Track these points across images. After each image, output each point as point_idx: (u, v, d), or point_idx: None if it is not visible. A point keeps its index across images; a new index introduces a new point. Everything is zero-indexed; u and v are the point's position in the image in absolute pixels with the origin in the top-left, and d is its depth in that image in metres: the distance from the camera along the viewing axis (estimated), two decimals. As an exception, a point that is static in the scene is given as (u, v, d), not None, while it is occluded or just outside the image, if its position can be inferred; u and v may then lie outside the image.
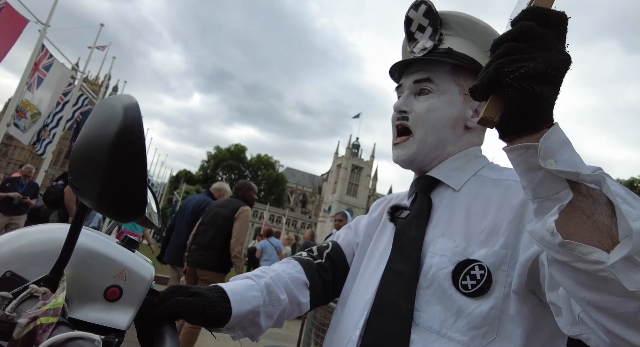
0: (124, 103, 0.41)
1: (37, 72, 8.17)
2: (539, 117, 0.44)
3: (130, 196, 0.41)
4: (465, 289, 0.64)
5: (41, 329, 0.36)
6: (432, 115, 0.78)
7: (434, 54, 0.79)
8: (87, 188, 0.42)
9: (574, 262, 0.41)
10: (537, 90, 0.42)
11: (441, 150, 0.80)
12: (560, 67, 0.43)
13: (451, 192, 0.77)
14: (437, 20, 0.79)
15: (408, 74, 0.83)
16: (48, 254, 0.51)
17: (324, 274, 0.86)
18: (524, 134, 0.45)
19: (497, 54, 0.45)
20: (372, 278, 0.77)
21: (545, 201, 0.44)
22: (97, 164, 0.39)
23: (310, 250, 0.92)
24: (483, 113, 0.46)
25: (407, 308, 0.68)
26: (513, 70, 0.43)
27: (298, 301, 0.81)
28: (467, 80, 0.80)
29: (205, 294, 0.67)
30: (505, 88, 0.43)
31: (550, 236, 0.42)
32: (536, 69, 0.42)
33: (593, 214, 0.42)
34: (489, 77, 0.45)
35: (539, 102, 0.43)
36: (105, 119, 0.41)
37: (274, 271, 0.82)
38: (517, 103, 0.43)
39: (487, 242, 0.66)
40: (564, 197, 0.43)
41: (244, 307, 0.70)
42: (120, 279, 0.56)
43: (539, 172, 0.44)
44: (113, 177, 0.40)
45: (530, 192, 0.46)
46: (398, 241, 0.77)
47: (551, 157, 0.43)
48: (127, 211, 0.42)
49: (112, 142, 0.39)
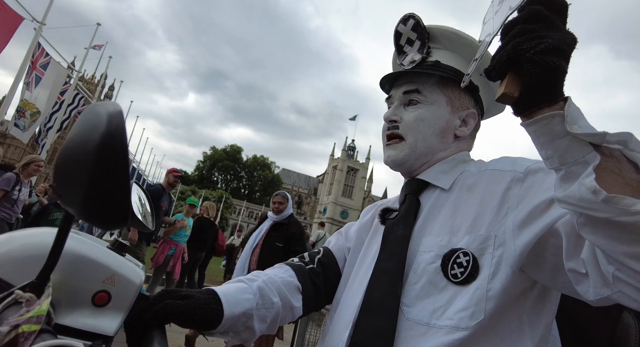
0: (108, 110, 0.40)
1: (34, 70, 8.13)
2: (557, 89, 0.48)
3: (113, 203, 0.40)
4: (456, 278, 0.66)
5: (23, 337, 0.35)
6: (421, 124, 0.81)
7: (422, 67, 0.82)
8: (70, 195, 0.41)
9: (617, 216, 0.43)
10: (557, 63, 0.45)
11: (430, 156, 0.83)
12: (571, 43, 0.47)
13: (439, 192, 0.79)
14: (425, 34, 0.82)
15: (398, 86, 0.86)
16: (36, 259, 0.50)
17: (316, 279, 0.87)
18: (544, 106, 0.48)
19: (511, 35, 0.49)
20: (363, 280, 0.78)
21: (573, 166, 0.46)
22: (81, 171, 0.39)
23: (301, 256, 0.93)
24: (503, 89, 0.48)
25: (393, 304, 0.69)
26: (533, 46, 0.46)
27: (291, 305, 0.81)
28: (454, 91, 0.84)
29: (195, 296, 0.66)
30: (525, 64, 0.46)
31: (591, 195, 0.44)
32: (555, 44, 0.45)
33: (621, 172, 0.45)
34: (507, 54, 0.48)
35: (559, 74, 0.47)
36: (89, 126, 0.40)
37: (266, 274, 0.82)
38: (538, 76, 0.46)
39: (471, 230, 0.68)
40: (592, 159, 0.45)
41: (236, 309, 0.69)
42: (109, 283, 0.55)
43: (564, 139, 0.47)
44: (96, 185, 0.39)
45: (557, 160, 0.48)
46: (386, 240, 0.78)
47: (575, 123, 0.46)
48: (110, 218, 0.41)
49: (95, 149, 0.39)
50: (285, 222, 3.70)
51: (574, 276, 0.55)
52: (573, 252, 0.54)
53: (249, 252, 3.57)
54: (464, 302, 0.64)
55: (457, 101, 0.83)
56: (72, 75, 10.13)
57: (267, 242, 3.57)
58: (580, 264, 0.53)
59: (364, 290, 0.75)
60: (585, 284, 0.53)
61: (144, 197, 0.81)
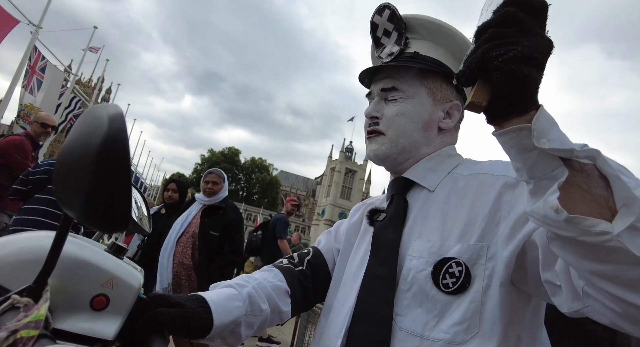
0: (109, 113, 0.40)
1: (34, 74, 8.11)
2: (527, 99, 0.46)
3: (115, 206, 0.40)
4: (447, 288, 0.64)
5: (21, 342, 0.35)
6: (402, 119, 0.79)
7: (400, 59, 0.80)
8: (70, 199, 0.41)
9: (579, 236, 0.42)
10: (525, 73, 0.43)
11: (414, 151, 0.80)
12: (545, 50, 0.44)
13: (426, 193, 0.77)
14: (402, 24, 0.80)
15: (377, 81, 0.84)
16: (33, 263, 0.49)
17: (305, 282, 0.86)
18: (513, 116, 0.46)
19: (482, 40, 0.46)
20: (354, 285, 0.77)
21: (542, 180, 0.45)
22: (81, 175, 0.38)
23: (290, 257, 0.92)
24: (471, 98, 0.46)
25: (387, 312, 0.67)
26: (501, 53, 0.44)
27: (280, 309, 0.81)
28: (435, 82, 0.81)
29: (186, 304, 0.65)
30: (493, 72, 0.44)
31: (554, 214, 0.42)
32: (524, 52, 0.43)
33: (589, 188, 0.43)
34: (476, 61, 0.46)
35: (528, 85, 0.44)
36: (90, 128, 0.40)
37: (255, 279, 0.81)
38: (506, 86, 0.44)
39: (462, 238, 0.67)
40: (560, 174, 0.44)
41: (226, 318, 0.69)
42: (107, 287, 0.55)
43: (532, 153, 0.45)
44: (97, 188, 0.39)
45: (526, 173, 0.46)
46: (376, 244, 0.77)
47: (543, 137, 0.44)
48: (111, 222, 0.41)
49: (97, 152, 0.38)
50: (221, 206, 3.06)
51: (549, 288, 0.55)
52: (549, 263, 0.54)
53: (173, 242, 2.88)
54: (458, 316, 0.63)
55: (439, 93, 0.81)
56: (69, 79, 10.10)
57: (199, 231, 2.91)
58: (555, 276, 0.52)
59: (355, 296, 0.74)
60: (560, 296, 0.53)
61: (140, 200, 0.81)
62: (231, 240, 3.02)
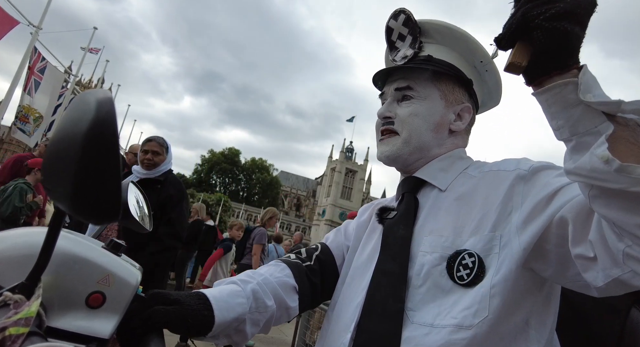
0: (98, 97, 0.38)
1: (33, 75, 8.11)
2: (570, 55, 0.45)
3: (104, 195, 0.38)
4: (462, 280, 0.65)
5: (10, 340, 0.33)
6: (415, 120, 0.80)
7: (414, 62, 0.81)
8: (59, 189, 0.39)
9: (632, 186, 0.41)
10: (568, 29, 0.43)
11: (425, 152, 0.81)
12: (587, 6, 0.44)
13: (437, 192, 0.78)
14: (416, 28, 0.81)
15: (390, 82, 0.85)
16: (26, 259, 0.48)
17: (313, 277, 0.85)
18: (554, 74, 0.46)
19: (523, 1, 0.46)
20: (362, 280, 0.77)
21: (585, 136, 0.45)
22: (69, 163, 0.37)
23: (298, 252, 0.91)
24: (511, 59, 0.46)
25: (397, 307, 0.67)
26: (542, 12, 0.44)
27: (287, 305, 0.79)
28: (448, 85, 0.83)
29: (185, 301, 0.64)
30: (535, 30, 0.44)
31: (603, 165, 0.42)
32: (566, 9, 0.43)
33: (637, 141, 0.43)
34: (517, 22, 0.46)
35: (571, 41, 0.44)
36: (78, 113, 0.38)
37: (261, 275, 0.79)
38: (549, 43, 0.44)
39: (476, 231, 0.67)
40: (605, 128, 0.44)
41: (229, 315, 0.68)
42: (103, 284, 0.53)
43: (577, 108, 0.45)
44: (85, 176, 0.37)
45: (568, 130, 0.46)
46: (386, 241, 0.77)
47: (589, 91, 0.44)
48: (101, 212, 0.39)
49: (84, 137, 0.37)
50: (159, 180, 2.48)
51: (581, 263, 0.54)
52: (580, 236, 0.53)
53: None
54: (468, 301, 0.62)
55: (451, 95, 0.82)
56: (69, 80, 10.10)
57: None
58: (588, 247, 0.51)
59: (364, 291, 0.73)
60: (594, 270, 0.52)
61: (141, 199, 0.79)
62: (167, 221, 2.41)
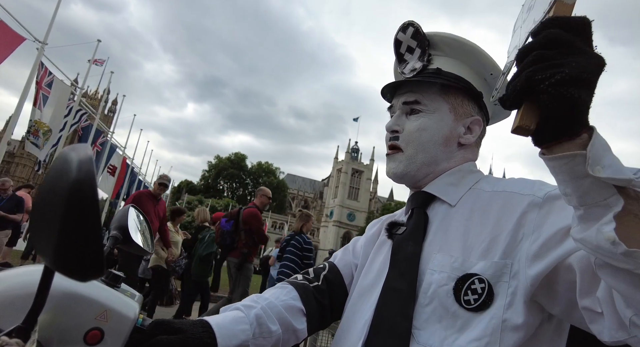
0: (79, 156, 0.39)
1: (41, 90, 8.24)
2: (578, 122, 0.43)
3: (86, 254, 0.38)
4: (469, 304, 0.63)
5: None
6: (423, 134, 0.79)
7: (423, 75, 0.80)
8: (43, 245, 0.39)
9: (637, 269, 0.40)
10: (575, 95, 0.41)
11: (434, 167, 0.80)
12: (594, 70, 0.42)
13: (447, 207, 0.77)
14: (425, 41, 0.80)
15: (399, 95, 0.84)
16: (24, 300, 0.48)
17: (321, 298, 0.84)
18: (564, 140, 0.44)
19: (526, 62, 0.44)
20: (371, 298, 0.76)
21: (593, 207, 0.43)
22: (51, 221, 0.37)
23: (306, 272, 0.90)
24: (518, 122, 0.45)
25: (405, 326, 0.66)
26: (547, 77, 0.42)
27: (294, 328, 0.79)
28: (457, 98, 0.81)
29: (188, 330, 0.64)
30: (540, 95, 0.43)
31: (609, 245, 0.41)
32: (572, 74, 0.41)
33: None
34: (521, 85, 0.44)
35: (579, 107, 0.42)
36: (59, 173, 0.39)
37: (266, 299, 0.79)
38: (555, 110, 0.42)
39: (486, 255, 0.65)
40: (614, 203, 0.42)
41: (231, 342, 0.67)
42: (101, 320, 0.54)
43: (585, 180, 0.43)
44: (67, 235, 0.37)
45: (576, 200, 0.45)
46: (395, 258, 0.76)
47: (598, 164, 0.42)
48: (83, 270, 0.39)
49: (65, 198, 0.37)
50: None
51: (588, 315, 0.52)
52: (588, 289, 0.51)
53: None
54: (478, 332, 0.61)
55: (460, 109, 0.81)
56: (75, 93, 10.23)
57: None
58: (596, 302, 0.50)
59: (372, 308, 0.73)
60: (600, 324, 0.50)
61: (137, 222, 0.80)
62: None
